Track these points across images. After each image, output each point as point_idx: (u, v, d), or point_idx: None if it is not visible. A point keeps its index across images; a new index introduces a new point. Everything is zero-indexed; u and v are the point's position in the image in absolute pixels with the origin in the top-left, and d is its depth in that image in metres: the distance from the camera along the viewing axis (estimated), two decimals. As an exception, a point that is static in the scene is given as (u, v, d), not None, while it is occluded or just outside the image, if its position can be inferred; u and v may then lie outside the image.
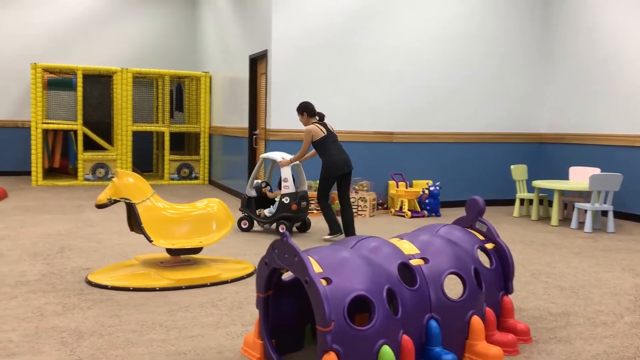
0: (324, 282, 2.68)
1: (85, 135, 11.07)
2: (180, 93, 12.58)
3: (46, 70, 11.05)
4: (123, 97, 11.24)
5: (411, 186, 8.75)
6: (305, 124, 6.51)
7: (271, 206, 6.87)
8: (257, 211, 6.92)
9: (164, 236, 4.70)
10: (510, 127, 9.48)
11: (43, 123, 10.80)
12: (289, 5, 8.18)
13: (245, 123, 9.49)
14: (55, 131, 11.26)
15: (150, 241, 4.61)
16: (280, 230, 6.61)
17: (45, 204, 8.56)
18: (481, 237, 3.63)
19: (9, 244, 5.87)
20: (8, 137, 12.16)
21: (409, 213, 8.22)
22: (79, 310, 3.89)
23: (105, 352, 3.23)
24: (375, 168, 8.68)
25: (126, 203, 4.71)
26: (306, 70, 8.31)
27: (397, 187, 8.46)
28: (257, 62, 9.09)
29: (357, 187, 8.27)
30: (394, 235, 4.51)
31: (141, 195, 4.73)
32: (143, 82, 12.46)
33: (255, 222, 7.03)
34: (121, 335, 3.47)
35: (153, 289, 4.38)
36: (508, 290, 3.55)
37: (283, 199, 6.64)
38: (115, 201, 4.65)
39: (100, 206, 4.62)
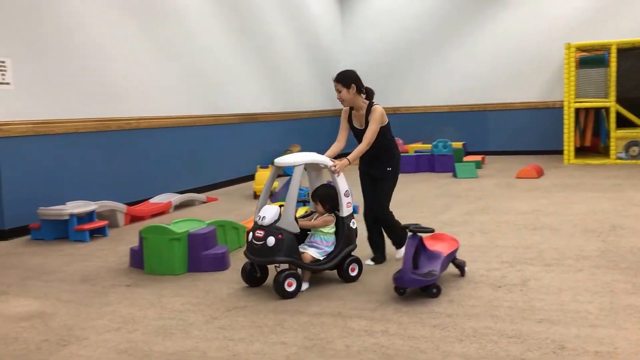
0: None
1: (617, 113, 10.67)
2: None
3: (578, 48, 11.09)
4: (662, 69, 10.34)
5: None
6: (350, 103, 4.52)
7: (305, 245, 4.17)
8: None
9: None
10: None
11: (575, 102, 10.90)
12: None
13: None
14: (586, 110, 11.24)
15: None
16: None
17: (582, 182, 8.64)
18: None
19: (559, 219, 6.14)
20: (540, 118, 12.77)
21: None
22: (651, 292, 3.75)
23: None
24: None
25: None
26: None
27: None
28: None
29: None
30: None
31: None
32: (685, 49, 11.16)
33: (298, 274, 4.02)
34: None
35: None
36: None
37: (349, 223, 4.20)
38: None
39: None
